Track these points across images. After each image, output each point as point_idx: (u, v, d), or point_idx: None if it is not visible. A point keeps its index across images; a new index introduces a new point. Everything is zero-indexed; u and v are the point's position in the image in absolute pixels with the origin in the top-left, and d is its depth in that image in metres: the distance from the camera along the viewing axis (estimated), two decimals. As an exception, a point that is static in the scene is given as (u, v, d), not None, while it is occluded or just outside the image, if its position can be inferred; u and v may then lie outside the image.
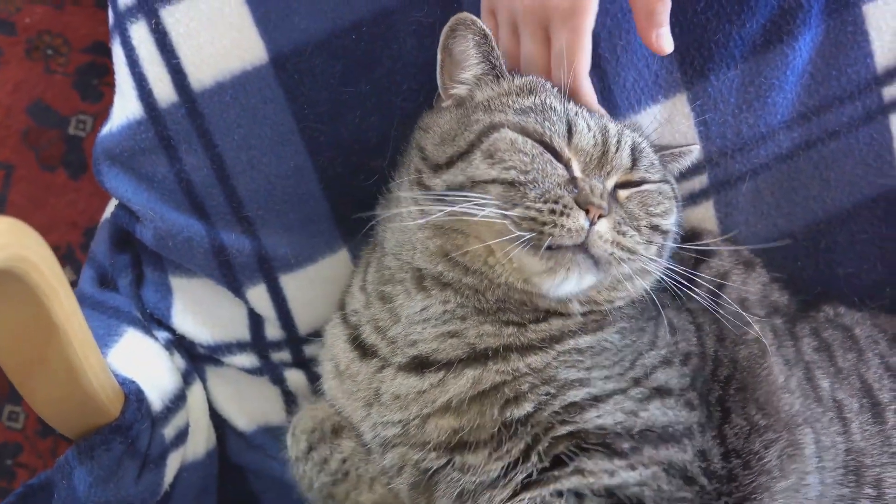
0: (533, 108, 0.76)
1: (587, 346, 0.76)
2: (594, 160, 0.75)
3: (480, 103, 0.79)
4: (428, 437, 0.75)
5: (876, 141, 0.96)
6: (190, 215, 0.90)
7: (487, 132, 0.75)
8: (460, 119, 0.78)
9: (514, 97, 0.78)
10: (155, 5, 0.86)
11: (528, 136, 0.74)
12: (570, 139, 0.75)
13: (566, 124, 0.75)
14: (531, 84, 0.80)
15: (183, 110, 0.88)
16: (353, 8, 0.88)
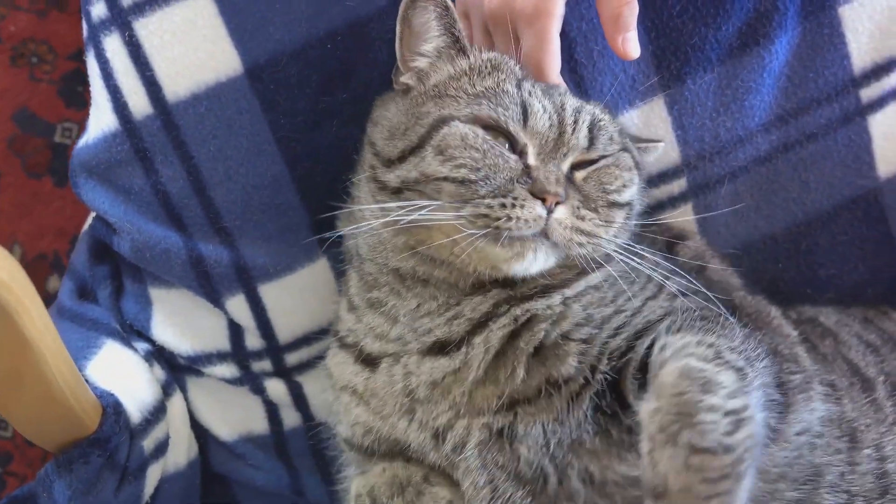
0: (486, 93, 0.75)
1: (600, 281, 0.76)
2: (550, 142, 0.74)
3: (431, 90, 0.78)
4: (481, 406, 0.74)
5: (854, 142, 0.97)
6: (167, 227, 0.90)
7: (438, 126, 0.74)
8: (409, 110, 0.77)
9: (471, 79, 0.77)
10: (128, 18, 0.86)
11: (482, 124, 0.73)
12: (526, 123, 0.74)
13: (521, 107, 0.74)
14: (494, 62, 0.79)
15: (158, 122, 0.88)
16: (327, 17, 0.88)
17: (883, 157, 0.98)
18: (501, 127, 0.74)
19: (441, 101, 0.76)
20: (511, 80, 0.76)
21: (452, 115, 0.74)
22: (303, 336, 0.96)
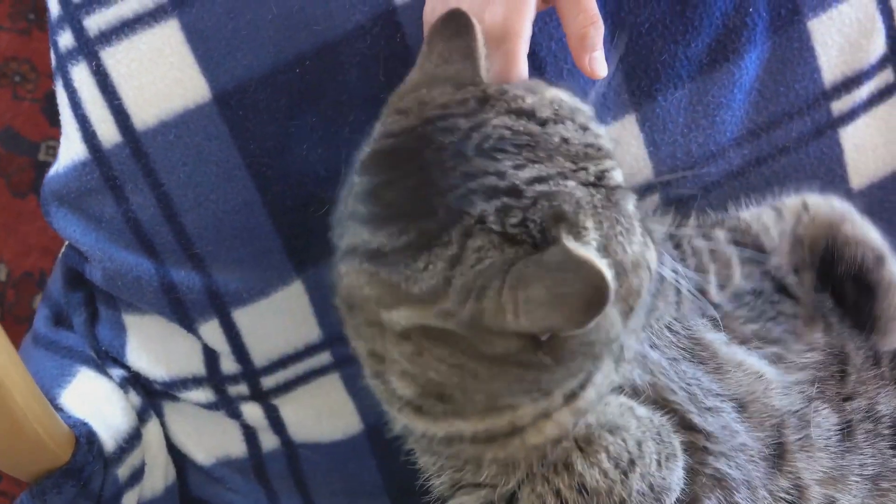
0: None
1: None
2: None
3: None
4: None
5: (826, 155, 0.97)
6: (139, 254, 0.90)
7: None
8: None
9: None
10: (95, 47, 0.86)
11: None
12: None
13: None
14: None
15: (127, 150, 0.88)
16: (295, 42, 0.88)
17: (855, 169, 0.98)
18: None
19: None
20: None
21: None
22: (278, 359, 0.96)
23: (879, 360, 0.87)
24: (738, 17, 0.93)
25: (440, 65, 0.69)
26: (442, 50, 0.68)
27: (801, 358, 0.82)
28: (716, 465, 0.73)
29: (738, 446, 0.74)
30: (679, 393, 0.75)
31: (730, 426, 0.75)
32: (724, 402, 0.76)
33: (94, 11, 0.86)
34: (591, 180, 0.62)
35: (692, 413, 0.74)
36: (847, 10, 0.94)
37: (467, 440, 0.67)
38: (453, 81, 0.67)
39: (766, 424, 0.77)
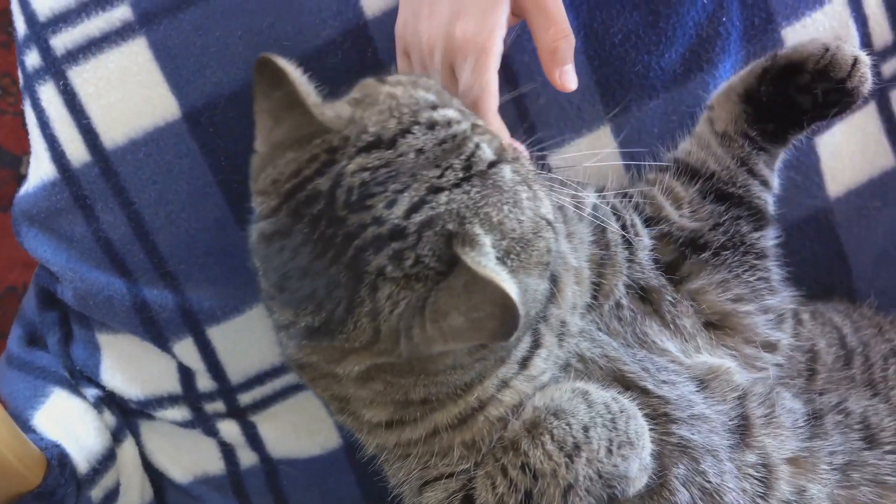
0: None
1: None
2: None
3: None
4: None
5: (803, 163, 0.96)
6: (110, 273, 0.90)
7: None
8: None
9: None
10: (62, 66, 0.86)
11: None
12: None
13: None
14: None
15: (96, 169, 0.87)
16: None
17: (832, 177, 0.98)
18: None
19: None
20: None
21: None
22: (255, 376, 0.95)
23: (851, 361, 0.87)
24: (712, 26, 0.93)
25: (274, 128, 0.67)
26: (268, 109, 0.66)
27: (761, 362, 0.82)
28: (679, 432, 0.73)
29: (699, 415, 0.74)
30: (631, 365, 0.75)
31: (686, 397, 0.75)
32: (681, 377, 0.77)
33: (60, 30, 0.86)
34: (460, 177, 0.63)
35: (647, 381, 0.75)
36: (821, 17, 0.94)
37: (443, 430, 0.71)
38: (294, 142, 0.65)
39: (728, 398, 0.77)
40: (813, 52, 0.81)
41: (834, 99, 0.81)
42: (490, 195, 0.63)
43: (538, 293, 0.67)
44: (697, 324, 0.80)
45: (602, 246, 0.80)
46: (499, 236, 0.62)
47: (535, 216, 0.65)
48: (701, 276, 0.82)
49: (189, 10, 0.86)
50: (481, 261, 0.59)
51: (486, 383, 0.70)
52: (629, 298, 0.79)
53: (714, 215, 0.84)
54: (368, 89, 0.68)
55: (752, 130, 0.85)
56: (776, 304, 0.84)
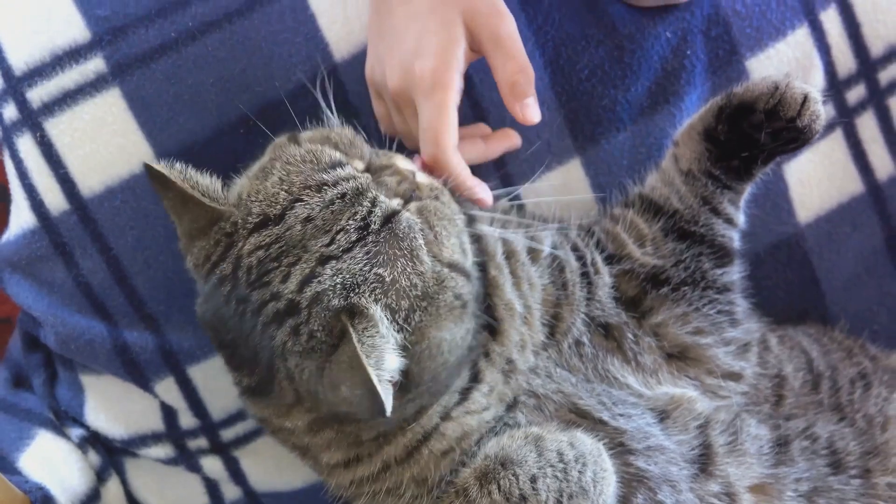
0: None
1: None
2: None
3: None
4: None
5: (771, 191, 0.98)
6: (91, 317, 0.92)
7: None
8: None
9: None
10: (38, 119, 0.88)
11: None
12: None
13: None
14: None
15: (75, 217, 0.89)
16: (237, 104, 0.89)
17: (801, 203, 0.99)
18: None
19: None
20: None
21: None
22: (236, 412, 0.97)
23: (818, 385, 0.88)
24: (677, 59, 0.94)
25: (179, 222, 0.73)
26: (170, 207, 0.72)
27: (724, 391, 0.83)
28: (636, 462, 0.74)
29: (656, 447, 0.75)
30: (588, 400, 0.76)
31: (642, 429, 0.76)
32: (638, 410, 0.78)
33: (36, 84, 0.88)
34: (352, 239, 0.66)
35: (602, 413, 0.76)
36: (784, 48, 0.95)
37: (394, 463, 0.73)
38: (198, 232, 0.71)
39: (690, 426, 0.78)
40: (763, 92, 0.81)
41: (789, 137, 0.82)
42: (383, 252, 0.66)
43: (457, 338, 0.69)
44: (659, 358, 0.82)
45: (559, 286, 0.81)
46: (394, 297, 0.65)
47: (437, 266, 0.67)
48: (662, 311, 0.83)
49: (161, 60, 0.88)
50: (366, 338, 0.62)
51: (430, 412, 0.73)
52: (590, 335, 0.80)
53: (676, 253, 0.85)
54: (277, 151, 0.73)
55: (716, 169, 0.85)
56: (738, 335, 0.85)
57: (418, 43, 0.77)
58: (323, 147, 0.71)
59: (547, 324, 0.80)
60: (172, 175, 0.70)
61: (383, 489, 0.74)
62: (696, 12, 0.93)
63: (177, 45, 0.87)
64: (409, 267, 0.66)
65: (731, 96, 0.83)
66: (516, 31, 0.77)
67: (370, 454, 0.74)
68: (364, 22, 0.89)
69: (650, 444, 0.75)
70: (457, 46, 0.76)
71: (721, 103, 0.84)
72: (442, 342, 0.67)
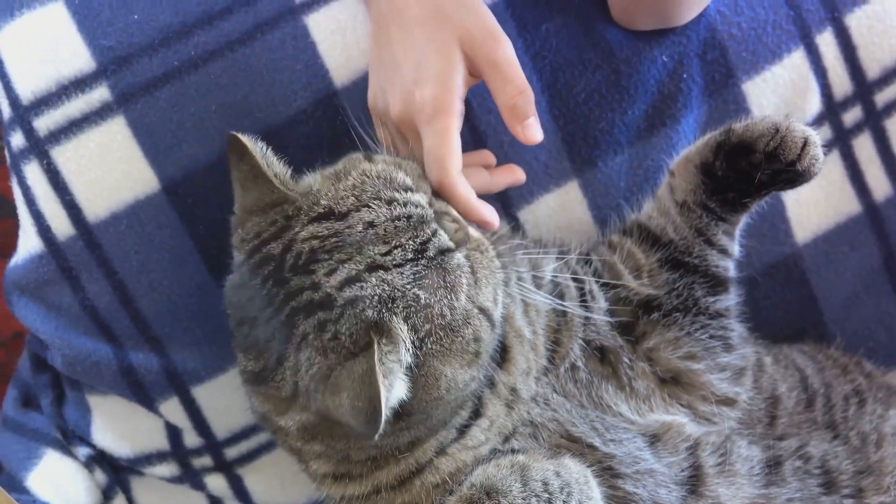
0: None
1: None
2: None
3: None
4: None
5: (768, 212, 0.98)
6: (97, 340, 0.94)
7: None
8: None
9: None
10: (45, 147, 0.90)
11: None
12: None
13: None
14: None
15: (81, 242, 0.91)
16: (239, 129, 0.89)
17: (799, 224, 1.00)
18: None
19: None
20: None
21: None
22: (240, 431, 0.99)
23: (812, 403, 0.88)
24: (673, 83, 0.95)
25: (243, 195, 0.75)
26: (239, 179, 0.75)
27: (718, 417, 0.84)
28: (624, 486, 0.75)
29: (646, 470, 0.76)
30: (581, 426, 0.77)
31: (634, 454, 0.77)
32: (630, 435, 0.78)
33: (42, 113, 0.89)
34: (408, 257, 0.68)
35: (594, 439, 0.77)
36: (780, 71, 0.96)
37: (385, 489, 0.74)
38: (258, 209, 0.73)
39: (680, 448, 0.79)
40: (763, 133, 0.81)
41: (787, 178, 0.82)
42: (428, 277, 0.67)
43: (458, 380, 0.70)
44: (653, 384, 0.82)
45: (559, 311, 0.82)
46: (423, 319, 0.67)
47: (470, 304, 0.69)
48: (654, 336, 0.84)
49: (164, 88, 0.89)
50: (387, 359, 0.64)
51: (425, 446, 0.74)
52: (586, 360, 0.81)
53: (669, 282, 0.86)
54: (350, 164, 0.74)
55: (712, 202, 0.86)
56: (733, 361, 0.86)
57: (418, 71, 0.78)
58: (396, 170, 0.74)
59: (549, 349, 0.81)
60: (252, 148, 0.73)
61: None
62: (691, 36, 0.94)
63: (180, 73, 0.89)
64: (446, 298, 0.68)
65: (730, 133, 0.83)
66: (513, 54, 0.78)
67: (361, 475, 0.75)
68: (363, 48, 0.90)
69: (639, 468, 0.76)
70: (455, 72, 0.78)
71: (720, 139, 0.84)
72: (441, 377, 0.68)
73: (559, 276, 0.84)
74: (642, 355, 0.83)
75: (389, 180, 0.72)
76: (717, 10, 0.94)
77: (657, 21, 0.93)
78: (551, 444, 0.76)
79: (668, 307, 0.85)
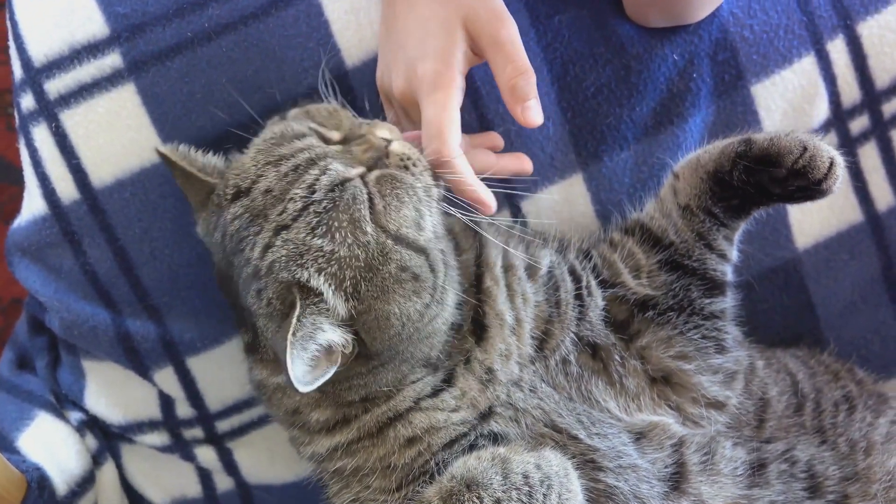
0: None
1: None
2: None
3: None
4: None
5: (771, 216, 0.99)
6: (96, 305, 0.94)
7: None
8: None
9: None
10: (55, 109, 0.90)
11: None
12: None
13: None
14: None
15: (85, 207, 0.92)
16: (249, 104, 0.91)
17: (800, 230, 1.00)
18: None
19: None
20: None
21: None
22: (233, 404, 0.99)
23: (802, 408, 0.89)
24: (683, 82, 0.95)
25: (189, 196, 0.81)
26: (180, 184, 0.81)
27: (705, 420, 0.84)
28: (605, 479, 0.75)
29: (628, 465, 0.76)
30: (567, 418, 0.78)
31: (617, 448, 0.77)
32: (616, 430, 0.79)
33: (54, 76, 0.90)
34: (298, 208, 0.71)
35: (579, 431, 0.77)
36: (790, 76, 0.96)
37: (366, 437, 0.77)
38: (200, 204, 0.79)
39: (665, 445, 0.79)
40: (791, 150, 0.81)
41: (805, 194, 0.83)
42: (324, 222, 0.70)
43: (410, 311, 0.71)
44: (643, 382, 0.83)
45: (552, 303, 0.83)
46: (337, 268, 0.69)
47: (381, 236, 0.70)
48: (647, 334, 0.85)
49: (176, 59, 0.90)
50: (310, 313, 0.68)
51: (403, 394, 0.76)
52: (577, 355, 0.82)
53: (667, 283, 0.87)
54: (265, 130, 0.79)
55: (717, 207, 0.86)
56: (725, 363, 0.86)
57: (420, 46, 0.79)
58: (295, 122, 0.77)
59: (537, 338, 0.81)
60: (173, 156, 0.79)
61: (351, 467, 0.77)
62: (703, 36, 0.95)
63: (192, 44, 0.90)
64: (350, 238, 0.70)
65: (751, 144, 0.83)
66: (517, 34, 0.78)
67: (356, 416, 0.77)
68: (376, 30, 0.91)
69: (622, 462, 0.76)
70: (457, 48, 0.78)
71: (739, 149, 0.84)
72: (391, 315, 0.71)
73: (556, 269, 0.85)
74: (635, 353, 0.84)
75: (281, 137, 0.76)
76: (731, 12, 0.95)
77: (669, 18, 0.93)
78: (535, 431, 0.76)
79: (664, 306, 0.85)
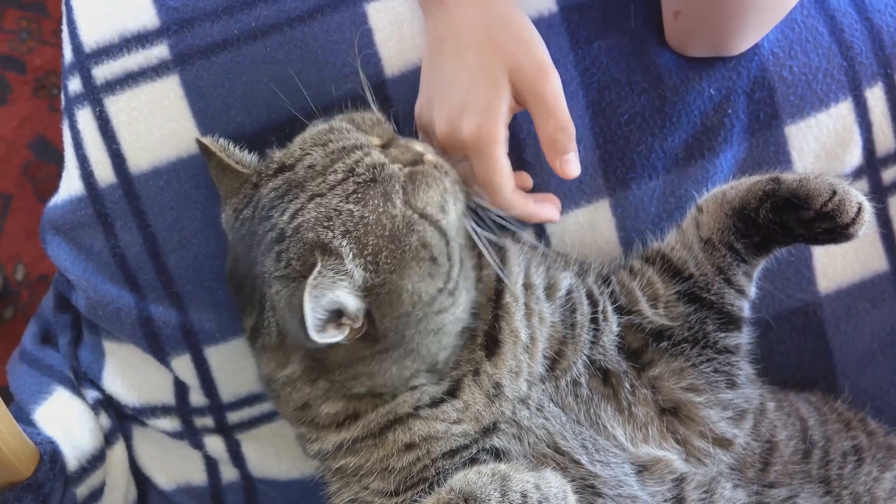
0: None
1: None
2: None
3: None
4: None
5: (795, 257, 0.98)
6: (121, 287, 0.96)
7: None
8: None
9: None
10: (100, 95, 0.93)
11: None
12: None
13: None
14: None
15: (120, 191, 0.94)
16: (287, 104, 0.93)
17: (823, 273, 1.00)
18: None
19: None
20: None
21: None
22: (245, 397, 1.01)
23: (809, 455, 0.88)
24: (717, 116, 0.96)
25: (220, 187, 0.84)
26: (213, 175, 0.85)
27: (710, 458, 0.84)
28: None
29: (628, 495, 0.76)
30: (571, 441, 0.78)
31: (619, 477, 0.77)
32: (620, 459, 0.79)
33: (102, 62, 0.93)
34: (339, 178, 0.74)
35: (581, 456, 0.77)
36: (825, 119, 0.96)
37: (369, 436, 0.78)
38: (232, 192, 0.82)
39: (666, 479, 0.79)
40: (821, 193, 0.81)
41: (832, 237, 0.83)
42: (359, 191, 0.73)
43: (422, 293, 0.73)
44: (652, 412, 0.83)
45: (567, 325, 0.83)
46: (362, 232, 0.71)
47: (409, 210, 0.73)
48: (660, 364, 0.85)
49: (221, 55, 0.92)
50: (328, 272, 0.69)
51: (403, 398, 0.77)
52: (588, 378, 0.82)
53: (684, 315, 0.87)
54: (309, 128, 0.83)
55: (739, 243, 0.87)
56: (735, 399, 0.86)
57: (465, 97, 0.80)
58: (344, 122, 0.81)
59: (549, 357, 0.81)
60: (213, 146, 0.83)
61: (353, 466, 0.78)
62: (742, 73, 0.95)
63: (238, 42, 0.92)
64: (382, 207, 0.72)
65: (780, 183, 0.84)
66: (559, 88, 0.80)
67: (365, 411, 0.78)
68: (417, 43, 0.92)
69: (622, 492, 0.76)
70: (502, 101, 0.80)
71: (767, 188, 0.84)
72: (403, 291, 0.72)
73: (574, 292, 0.85)
74: (646, 382, 0.84)
75: (330, 129, 0.79)
76: (771, 51, 0.95)
77: (711, 49, 0.93)
78: (537, 451, 0.77)
79: (679, 338, 0.86)
